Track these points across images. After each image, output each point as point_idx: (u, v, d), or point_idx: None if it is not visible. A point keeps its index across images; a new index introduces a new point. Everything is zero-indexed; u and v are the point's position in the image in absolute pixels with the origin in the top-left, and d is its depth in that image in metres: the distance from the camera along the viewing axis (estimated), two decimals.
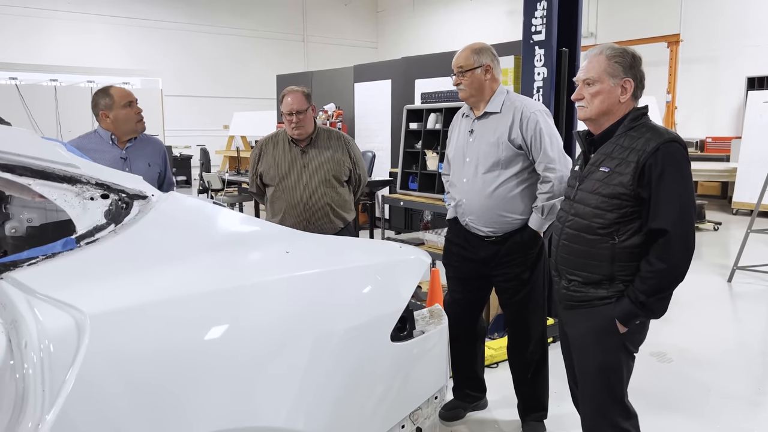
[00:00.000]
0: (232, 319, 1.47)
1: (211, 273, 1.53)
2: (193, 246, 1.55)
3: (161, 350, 1.35)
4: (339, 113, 9.36)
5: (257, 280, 1.58)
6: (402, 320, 1.78)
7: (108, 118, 3.22)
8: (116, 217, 1.47)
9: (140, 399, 1.29)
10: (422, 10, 18.84)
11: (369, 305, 1.73)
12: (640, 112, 2.12)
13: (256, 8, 18.03)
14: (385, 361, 1.71)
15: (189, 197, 1.70)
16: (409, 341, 1.79)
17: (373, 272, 1.83)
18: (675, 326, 4.83)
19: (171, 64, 16.34)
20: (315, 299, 1.64)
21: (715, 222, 9.21)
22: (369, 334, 1.68)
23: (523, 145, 2.86)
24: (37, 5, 14.84)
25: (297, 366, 1.53)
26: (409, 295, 1.82)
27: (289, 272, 1.65)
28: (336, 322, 1.63)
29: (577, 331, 2.25)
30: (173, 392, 1.35)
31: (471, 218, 2.98)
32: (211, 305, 1.46)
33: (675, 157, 2.01)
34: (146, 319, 1.35)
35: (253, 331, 1.50)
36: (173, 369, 1.36)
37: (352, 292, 1.72)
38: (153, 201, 1.55)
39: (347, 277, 1.76)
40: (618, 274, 2.09)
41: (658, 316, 2.11)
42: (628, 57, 2.10)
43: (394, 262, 1.92)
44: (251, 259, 1.66)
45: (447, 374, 1.92)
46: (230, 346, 1.44)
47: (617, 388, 2.19)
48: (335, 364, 1.60)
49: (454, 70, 2.95)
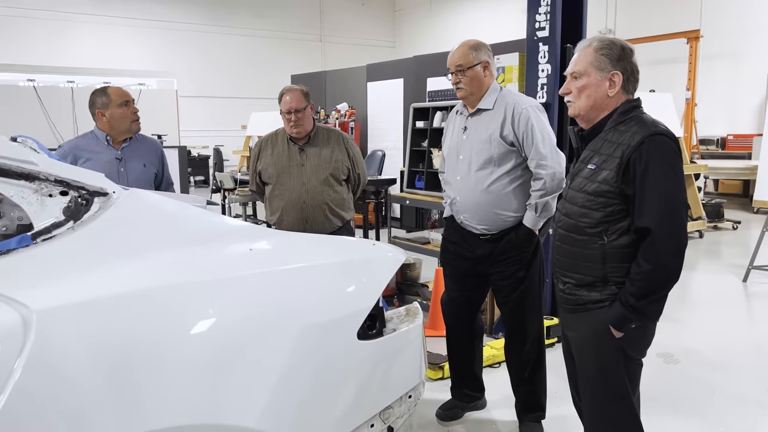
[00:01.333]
0: (188, 316, 1.46)
1: (168, 270, 1.53)
2: (151, 243, 1.55)
3: (113, 346, 1.35)
4: (351, 113, 9.37)
5: (216, 277, 1.57)
6: (373, 318, 1.76)
7: (104, 117, 3.24)
8: (75, 214, 1.47)
9: (87, 395, 1.29)
10: (439, 8, 18.78)
11: (333, 303, 1.71)
12: (631, 105, 2.04)
13: (274, 9, 18.16)
14: (352, 359, 1.69)
15: (153, 194, 1.71)
16: (378, 339, 1.77)
17: (339, 270, 1.81)
18: (684, 326, 4.75)
19: (190, 65, 16.55)
20: (277, 297, 1.62)
21: (735, 221, 9.04)
22: (334, 332, 1.66)
23: (515, 142, 2.83)
24: (62, 9, 15.16)
25: (259, 364, 1.52)
26: (379, 292, 1.80)
27: (251, 270, 1.64)
28: (299, 320, 1.61)
29: (576, 334, 2.16)
30: (125, 386, 1.34)
31: (465, 216, 2.96)
32: (167, 301, 1.46)
33: (660, 150, 1.91)
34: (97, 314, 1.35)
35: (211, 329, 1.48)
36: (125, 364, 1.36)
37: (315, 290, 1.70)
38: (114, 198, 1.55)
39: (310, 275, 1.74)
40: (610, 275, 2.00)
41: (653, 319, 2.02)
42: (616, 49, 2.02)
43: (364, 260, 1.90)
44: (212, 257, 1.65)
45: (422, 373, 1.89)
46: (186, 343, 1.43)
47: (619, 394, 2.08)
48: (299, 362, 1.58)
49: (451, 68, 2.91)
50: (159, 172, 3.44)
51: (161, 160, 3.47)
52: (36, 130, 8.69)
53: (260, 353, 1.53)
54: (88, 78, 9.42)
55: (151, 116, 10.35)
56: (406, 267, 5.57)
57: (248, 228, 1.91)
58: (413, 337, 1.86)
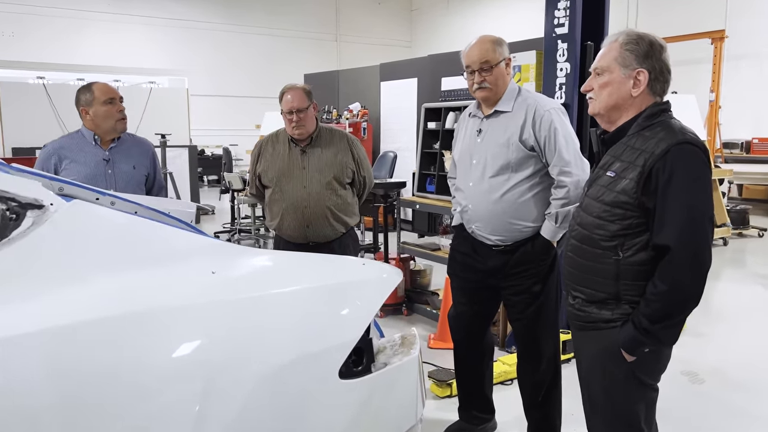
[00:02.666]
0: (118, 355, 1.24)
1: (103, 299, 1.31)
2: (89, 265, 1.34)
3: (18, 390, 1.14)
4: (364, 113, 9.17)
5: (161, 306, 1.35)
6: (360, 352, 1.54)
7: (88, 115, 3.06)
8: (1, 230, 1.26)
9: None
10: (456, 7, 18.52)
11: (307, 337, 1.48)
12: (659, 109, 1.82)
13: (290, 8, 18.05)
14: (332, 402, 1.46)
15: (100, 207, 1.50)
16: (365, 377, 1.54)
17: (318, 297, 1.59)
18: (709, 341, 4.48)
19: (206, 63, 16.48)
20: (233, 332, 1.40)
21: (761, 228, 8.71)
22: (307, 372, 1.43)
23: (536, 147, 2.60)
24: (79, 7, 15.15)
25: (201, 415, 1.30)
26: (367, 322, 1.57)
27: (207, 297, 1.42)
28: (262, 359, 1.39)
29: (585, 354, 1.98)
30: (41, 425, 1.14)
31: (477, 225, 2.73)
32: (96, 338, 1.25)
33: (687, 160, 1.71)
34: (7, 353, 1.14)
35: (142, 373, 1.26)
36: (43, 403, 1.15)
37: (285, 323, 1.48)
38: (50, 211, 1.34)
39: (282, 304, 1.52)
40: (624, 294, 1.81)
41: (668, 345, 1.83)
42: (644, 45, 1.80)
43: (350, 284, 1.67)
44: (161, 282, 1.43)
45: (417, 412, 1.67)
46: (110, 389, 1.22)
47: (629, 422, 1.89)
48: (260, 409, 1.36)
49: (473, 66, 2.62)
50: (150, 175, 3.24)
51: (153, 162, 3.28)
52: (45, 127, 8.60)
53: (204, 402, 1.29)
54: (98, 76, 9.33)
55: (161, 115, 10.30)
56: (416, 274, 5.36)
57: (215, 246, 1.69)
58: (408, 371, 1.62)
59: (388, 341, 1.75)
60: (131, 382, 1.25)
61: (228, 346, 1.38)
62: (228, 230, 8.61)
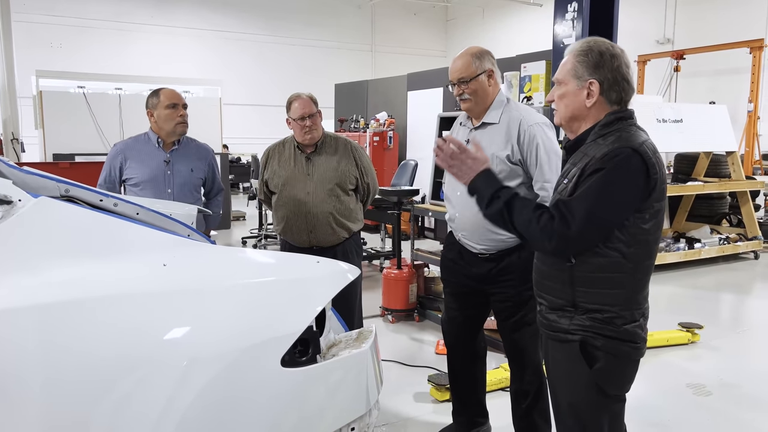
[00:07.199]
0: (54, 340, 1.34)
1: (48, 285, 1.41)
2: (44, 255, 1.45)
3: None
4: (391, 122, 9.28)
5: (100, 294, 1.44)
6: (306, 343, 1.62)
7: (152, 118, 3.33)
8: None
9: None
10: (492, 17, 18.55)
11: (251, 328, 1.57)
12: (616, 117, 1.83)
13: (328, 19, 18.36)
14: (273, 389, 1.54)
15: (66, 203, 1.62)
16: (308, 367, 1.61)
17: (265, 291, 1.67)
18: (725, 356, 4.39)
19: (244, 73, 16.91)
20: (168, 322, 1.48)
21: None
22: (249, 360, 1.52)
23: (521, 160, 2.65)
24: (123, 19, 15.77)
25: (128, 402, 1.39)
26: (313, 315, 1.64)
27: (151, 287, 1.52)
28: (203, 347, 1.47)
29: (551, 361, 2.00)
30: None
31: (464, 233, 2.79)
32: (35, 324, 1.34)
33: (616, 164, 1.71)
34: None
35: (75, 358, 1.36)
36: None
37: (229, 313, 1.57)
38: (17, 207, 1.46)
39: (228, 295, 1.61)
40: (580, 301, 1.82)
41: (481, 206, 1.95)
42: (593, 55, 1.81)
43: (299, 280, 1.75)
44: (108, 271, 1.53)
45: (369, 401, 1.73)
46: (42, 374, 1.31)
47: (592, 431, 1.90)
48: (204, 394, 1.45)
49: (452, 79, 2.75)
50: (209, 179, 3.50)
51: (211, 166, 3.54)
52: (84, 135, 8.99)
53: (132, 389, 1.38)
54: (135, 85, 9.68)
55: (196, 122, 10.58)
56: (430, 281, 5.39)
57: (176, 242, 1.78)
58: (357, 363, 1.69)
59: (344, 336, 1.83)
60: (59, 369, 1.35)
61: (168, 335, 1.47)
62: (255, 236, 8.80)
